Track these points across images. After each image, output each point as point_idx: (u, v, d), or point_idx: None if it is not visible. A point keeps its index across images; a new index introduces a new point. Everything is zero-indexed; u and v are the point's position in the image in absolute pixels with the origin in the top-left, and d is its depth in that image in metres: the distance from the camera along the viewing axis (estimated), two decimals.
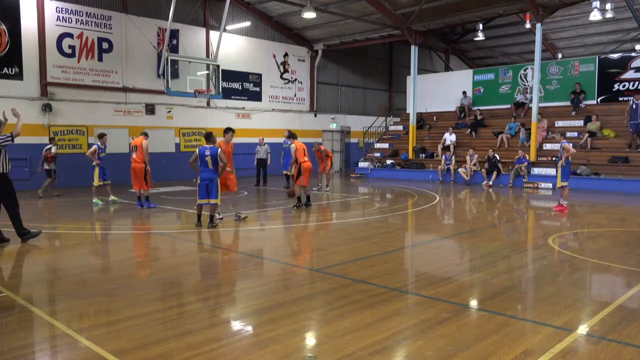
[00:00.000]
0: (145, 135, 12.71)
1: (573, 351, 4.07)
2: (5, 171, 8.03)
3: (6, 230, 8.28)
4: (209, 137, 9.74)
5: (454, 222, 11.58)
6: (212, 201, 9.62)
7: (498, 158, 18.92)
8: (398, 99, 29.32)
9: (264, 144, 18.61)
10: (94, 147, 13.20)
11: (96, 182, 13.18)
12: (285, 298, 5.53)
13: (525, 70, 22.38)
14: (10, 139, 7.98)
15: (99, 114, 18.27)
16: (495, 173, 18.63)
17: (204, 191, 9.60)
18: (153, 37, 19.40)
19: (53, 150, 14.82)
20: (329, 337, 4.34)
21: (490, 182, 18.53)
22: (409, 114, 23.86)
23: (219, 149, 9.51)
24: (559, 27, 26.43)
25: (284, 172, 16.41)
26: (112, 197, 13.44)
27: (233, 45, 22.03)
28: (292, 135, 12.89)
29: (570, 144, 12.16)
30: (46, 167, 14.70)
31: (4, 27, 16.06)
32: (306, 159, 12.22)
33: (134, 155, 12.35)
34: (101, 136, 13.51)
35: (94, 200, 13.08)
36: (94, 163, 13.15)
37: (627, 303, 5.28)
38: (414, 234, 10.15)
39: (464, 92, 23.82)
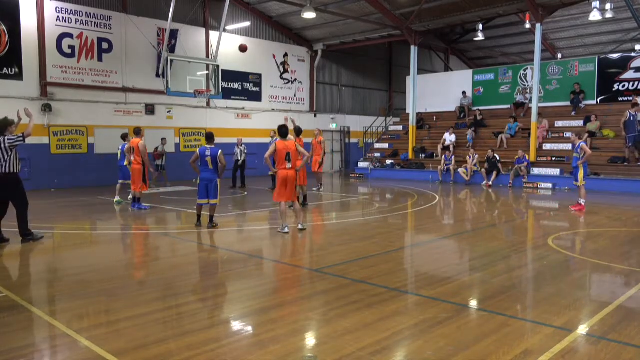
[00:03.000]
0: (138, 133, 12.36)
1: (573, 351, 4.07)
2: (15, 171, 8.17)
3: (7, 230, 8.28)
4: (209, 137, 9.76)
5: (454, 222, 11.59)
6: (212, 201, 9.63)
7: (498, 158, 18.93)
8: (398, 99, 29.33)
9: (242, 145, 17.95)
10: (127, 146, 12.94)
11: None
12: (285, 298, 5.53)
13: (525, 71, 22.38)
14: (21, 139, 8.14)
15: (99, 114, 18.26)
16: (495, 173, 18.64)
17: (204, 191, 9.61)
18: (153, 37, 19.40)
19: (160, 149, 18.22)
20: (329, 337, 4.34)
21: (490, 182, 18.53)
22: (408, 114, 23.87)
23: (220, 150, 9.52)
24: (559, 27, 26.43)
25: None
26: (117, 198, 13.41)
27: (233, 45, 22.00)
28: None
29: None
30: (156, 162, 17.77)
31: (3, 27, 16.05)
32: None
33: (131, 157, 12.26)
34: (125, 137, 13.61)
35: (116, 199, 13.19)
36: (125, 163, 13.10)
37: (627, 303, 5.28)
38: (413, 234, 10.15)
39: (464, 92, 23.82)
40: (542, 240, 8.76)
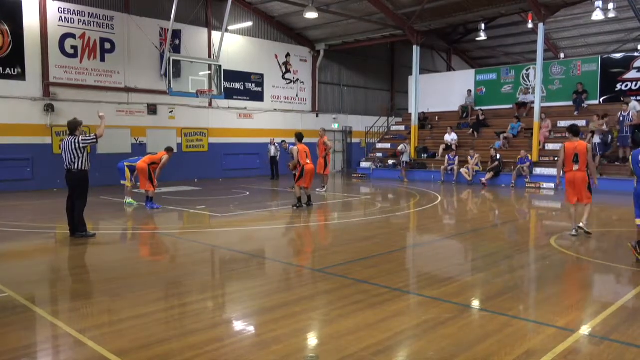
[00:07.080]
0: (170, 150, 12.73)
1: (575, 352, 4.06)
2: (86, 168, 8.57)
3: (13, 231, 8.29)
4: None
5: (456, 222, 11.57)
6: None
7: (498, 157, 18.90)
8: (400, 99, 29.30)
9: (275, 144, 21.08)
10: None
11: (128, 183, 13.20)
12: (287, 298, 5.53)
13: (527, 70, 22.33)
14: (95, 139, 8.62)
15: None
16: (492, 173, 18.64)
17: None
18: (155, 38, 19.42)
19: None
20: (331, 338, 4.34)
21: (484, 180, 18.46)
22: (411, 114, 23.85)
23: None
24: (561, 27, 26.36)
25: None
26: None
27: (235, 45, 22.04)
28: (298, 137, 12.75)
29: None
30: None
31: (6, 27, 16.10)
32: (308, 161, 12.27)
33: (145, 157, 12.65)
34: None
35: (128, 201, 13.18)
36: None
37: (629, 303, 5.27)
38: (416, 234, 10.14)
39: (469, 91, 23.72)
40: (544, 240, 8.74)
